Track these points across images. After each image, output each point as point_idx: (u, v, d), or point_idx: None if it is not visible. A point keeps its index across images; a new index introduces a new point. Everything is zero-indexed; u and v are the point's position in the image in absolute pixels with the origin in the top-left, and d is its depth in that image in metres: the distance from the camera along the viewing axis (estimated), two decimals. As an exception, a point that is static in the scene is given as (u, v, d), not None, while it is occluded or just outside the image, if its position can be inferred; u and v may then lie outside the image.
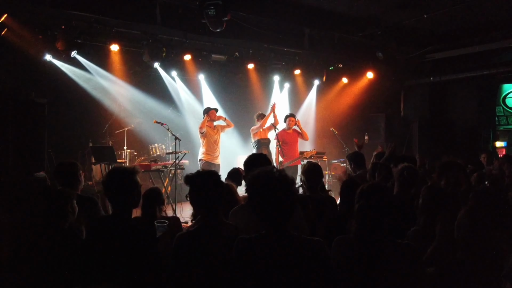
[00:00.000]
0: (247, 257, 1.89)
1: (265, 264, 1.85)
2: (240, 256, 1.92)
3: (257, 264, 1.86)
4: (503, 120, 11.56)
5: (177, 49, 7.68)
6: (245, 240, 1.93)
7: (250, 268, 1.88)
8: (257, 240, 1.90)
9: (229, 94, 9.43)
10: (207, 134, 7.18)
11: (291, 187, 1.90)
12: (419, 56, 9.06)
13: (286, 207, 1.87)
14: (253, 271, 1.87)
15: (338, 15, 7.47)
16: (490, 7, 6.90)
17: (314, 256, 1.86)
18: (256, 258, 1.87)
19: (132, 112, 8.39)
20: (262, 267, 1.85)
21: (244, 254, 1.91)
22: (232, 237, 2.16)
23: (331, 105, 10.22)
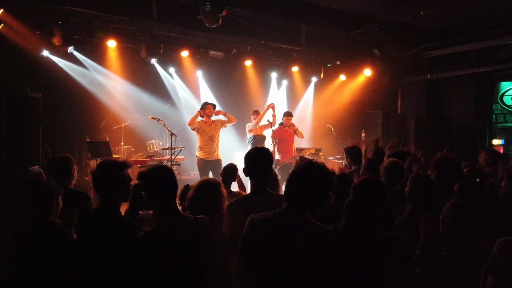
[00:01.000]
0: (258, 229, 2.05)
1: (275, 237, 2.00)
2: (250, 229, 2.07)
3: (267, 237, 2.01)
4: (500, 118, 11.57)
5: (174, 45, 7.70)
6: (258, 217, 2.09)
7: (261, 241, 2.02)
8: (271, 216, 2.06)
9: (226, 91, 9.45)
10: (200, 130, 7.08)
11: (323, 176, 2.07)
12: (416, 53, 9.07)
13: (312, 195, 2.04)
14: (263, 244, 2.02)
15: (335, 12, 7.48)
16: (487, 4, 6.92)
17: (321, 242, 2.01)
18: (267, 231, 2.03)
19: (129, 108, 8.40)
20: (274, 242, 2.00)
21: (255, 227, 2.06)
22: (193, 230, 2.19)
23: (328, 102, 10.24)
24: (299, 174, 2.10)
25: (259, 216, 2.10)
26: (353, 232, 2.12)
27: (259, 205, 2.48)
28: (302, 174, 2.09)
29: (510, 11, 7.25)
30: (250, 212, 2.47)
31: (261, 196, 2.61)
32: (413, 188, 2.90)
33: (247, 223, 2.10)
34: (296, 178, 2.09)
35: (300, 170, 2.11)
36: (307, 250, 1.98)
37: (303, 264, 1.97)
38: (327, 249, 2.02)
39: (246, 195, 2.77)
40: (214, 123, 7.25)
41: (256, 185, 2.67)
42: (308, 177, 2.06)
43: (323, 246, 2.01)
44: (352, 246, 2.09)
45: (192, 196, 3.06)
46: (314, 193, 2.04)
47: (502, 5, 7.00)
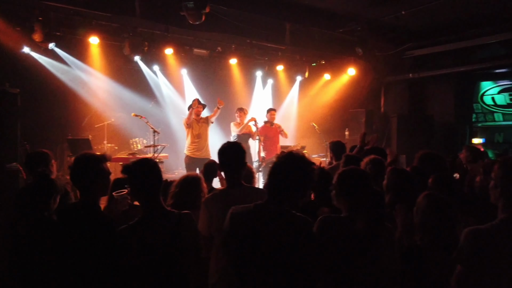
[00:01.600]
0: (239, 222, 2.04)
1: (256, 230, 2.00)
2: (232, 221, 2.06)
3: (248, 227, 2.01)
4: (481, 117, 11.82)
5: (158, 42, 7.66)
6: (240, 208, 2.08)
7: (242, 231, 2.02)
8: (252, 208, 2.06)
9: (212, 89, 9.42)
10: (190, 127, 7.11)
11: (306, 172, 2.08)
12: (398, 52, 9.20)
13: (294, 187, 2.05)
14: (245, 236, 2.01)
15: (318, 11, 7.53)
16: (467, 4, 7.04)
17: (301, 232, 2.03)
18: (248, 221, 2.02)
19: (112, 106, 8.32)
20: (255, 234, 1.99)
21: (236, 219, 2.05)
22: (176, 224, 2.18)
23: (313, 100, 10.33)
24: (279, 166, 2.10)
25: (241, 208, 2.09)
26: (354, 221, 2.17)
27: (235, 198, 2.50)
28: (282, 165, 2.09)
29: (490, 11, 7.41)
30: (227, 205, 2.48)
31: (236, 190, 2.63)
32: (390, 180, 2.96)
33: (229, 216, 2.09)
34: (276, 170, 2.09)
35: (280, 162, 2.11)
36: (288, 241, 1.98)
37: (285, 255, 1.97)
38: (308, 240, 2.03)
39: (221, 189, 2.78)
40: (202, 120, 7.26)
41: (230, 178, 2.69)
42: (288, 168, 2.06)
43: (304, 236, 2.02)
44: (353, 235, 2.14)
45: (174, 191, 3.07)
46: (295, 184, 2.05)
47: (482, 5, 7.15)
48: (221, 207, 2.51)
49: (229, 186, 2.69)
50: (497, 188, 1.78)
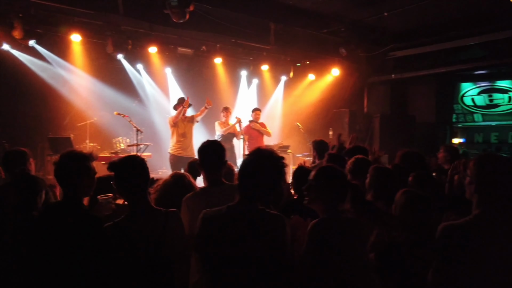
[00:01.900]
0: (212, 225, 1.98)
1: (230, 231, 1.95)
2: (205, 225, 2.00)
3: (221, 230, 1.95)
4: (461, 118, 12.09)
5: (142, 41, 7.58)
6: (212, 212, 2.02)
7: (215, 235, 1.96)
8: (225, 210, 2.00)
9: (196, 89, 9.37)
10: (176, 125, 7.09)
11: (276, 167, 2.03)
12: (381, 53, 9.33)
13: (265, 184, 2.00)
14: (218, 238, 1.96)
15: (302, 11, 7.59)
16: (447, 7, 7.19)
17: (275, 229, 1.98)
18: (221, 225, 1.96)
19: (95, 105, 8.21)
20: (227, 234, 1.94)
21: (209, 223, 1.99)
22: (163, 222, 2.16)
23: (297, 100, 10.39)
24: (247, 165, 2.06)
25: (212, 211, 2.03)
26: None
27: (216, 196, 2.51)
28: (250, 163, 2.06)
29: (470, 14, 7.58)
30: (208, 203, 2.47)
31: (217, 188, 2.63)
32: (373, 178, 3.01)
33: (200, 219, 2.03)
34: (245, 169, 2.05)
35: (248, 160, 2.08)
36: (264, 241, 1.94)
37: (261, 256, 1.93)
38: (284, 238, 2.00)
39: (202, 187, 2.78)
40: (187, 119, 7.26)
41: (211, 177, 2.69)
42: (257, 165, 2.02)
43: (279, 235, 1.98)
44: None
45: (162, 190, 3.03)
46: (265, 181, 2.00)
47: (463, 8, 7.32)
48: (201, 205, 2.50)
49: (210, 185, 2.69)
50: (472, 184, 1.83)
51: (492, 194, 1.78)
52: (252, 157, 2.06)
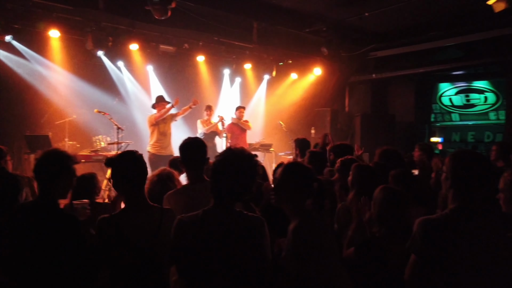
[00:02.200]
0: (189, 233, 1.88)
1: (208, 237, 1.86)
2: (181, 233, 1.89)
3: (199, 238, 1.86)
4: (439, 117, 12.39)
5: (123, 38, 7.48)
6: (187, 218, 1.91)
7: (193, 243, 1.86)
8: (200, 216, 1.90)
9: (178, 87, 9.31)
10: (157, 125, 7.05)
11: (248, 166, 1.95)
12: (362, 53, 9.46)
13: (238, 185, 1.93)
14: (196, 246, 1.86)
15: (285, 10, 7.62)
16: (427, 8, 7.33)
17: (254, 232, 1.92)
18: (198, 232, 1.86)
19: (74, 102, 8.05)
20: (205, 240, 1.86)
21: (185, 231, 1.89)
22: (158, 219, 2.16)
23: (280, 99, 10.45)
24: (217, 166, 1.96)
25: (188, 217, 1.92)
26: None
27: (197, 193, 2.51)
28: (220, 165, 1.96)
29: (447, 15, 7.76)
30: (190, 201, 2.48)
31: (198, 185, 2.62)
32: (355, 176, 3.06)
33: (175, 226, 1.92)
34: (216, 170, 1.96)
35: (218, 161, 1.97)
36: (243, 246, 1.88)
37: (241, 262, 1.87)
38: (264, 241, 1.93)
39: (184, 185, 2.78)
40: (168, 117, 7.22)
41: (192, 174, 2.69)
42: (228, 166, 1.94)
43: (259, 238, 1.92)
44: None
45: (149, 187, 3.01)
46: (237, 182, 1.92)
47: (441, 10, 7.48)
48: (183, 202, 2.51)
49: (191, 182, 2.69)
50: (448, 179, 1.89)
51: (466, 188, 1.84)
52: (222, 158, 1.97)
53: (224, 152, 2.02)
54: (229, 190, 1.92)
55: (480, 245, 1.78)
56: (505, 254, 1.77)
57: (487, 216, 1.84)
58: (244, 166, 1.94)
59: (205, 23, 7.31)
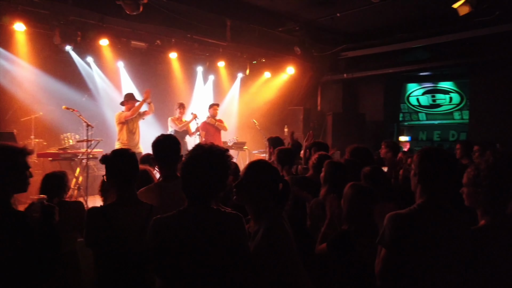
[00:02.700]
0: (166, 234, 1.83)
1: (186, 238, 1.82)
2: (158, 234, 1.84)
3: (177, 239, 1.82)
4: (407, 117, 12.79)
5: (92, 33, 7.27)
6: (163, 219, 1.86)
7: (171, 245, 1.82)
8: (177, 216, 1.85)
9: (150, 84, 9.12)
10: (127, 123, 6.92)
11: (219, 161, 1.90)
12: (334, 53, 9.63)
13: (211, 181, 1.88)
14: (174, 247, 1.81)
15: (258, 9, 7.64)
16: (396, 10, 7.53)
17: (232, 228, 1.89)
18: (176, 233, 1.82)
19: (41, 98, 7.77)
20: (183, 242, 1.81)
21: (162, 232, 1.83)
22: (147, 216, 2.19)
23: (253, 97, 10.48)
24: (188, 164, 1.90)
25: (163, 218, 1.86)
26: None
27: (170, 191, 2.51)
28: (191, 162, 1.90)
29: (415, 17, 8.01)
30: (162, 198, 2.47)
31: (171, 182, 2.61)
32: (327, 172, 3.13)
33: (151, 227, 1.86)
34: (187, 168, 1.90)
35: (188, 159, 1.91)
36: (223, 246, 1.85)
37: (221, 257, 1.85)
38: (244, 239, 1.93)
39: (156, 182, 2.76)
40: (137, 115, 7.11)
41: (166, 171, 2.67)
42: (198, 164, 1.88)
43: (239, 236, 1.91)
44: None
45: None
46: (212, 178, 1.88)
47: (409, 11, 7.71)
48: (154, 200, 2.49)
49: (164, 179, 2.67)
50: (416, 176, 1.97)
51: (433, 184, 1.92)
52: (191, 155, 1.91)
53: (194, 149, 1.95)
54: (201, 188, 1.87)
55: (446, 238, 1.86)
56: (469, 246, 1.87)
57: (452, 211, 1.93)
58: (215, 162, 1.88)
59: (178, 19, 7.23)
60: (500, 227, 1.88)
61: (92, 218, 2.23)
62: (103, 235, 2.17)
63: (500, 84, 8.58)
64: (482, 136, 8.29)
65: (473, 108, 9.50)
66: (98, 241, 2.20)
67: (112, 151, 2.42)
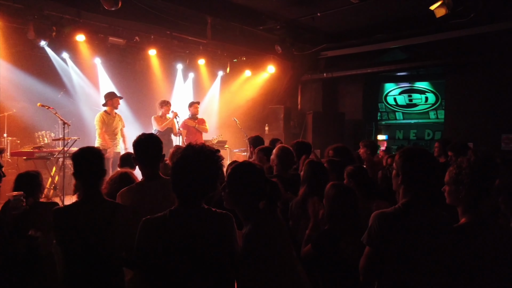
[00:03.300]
0: (156, 234, 1.81)
1: (177, 238, 1.81)
2: (148, 234, 1.83)
3: (168, 239, 1.80)
4: (384, 116, 13.04)
5: (68, 28, 7.07)
6: (153, 219, 1.84)
7: (161, 245, 1.81)
8: (168, 217, 1.85)
9: (129, 81, 8.99)
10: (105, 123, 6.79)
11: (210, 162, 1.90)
12: (314, 53, 9.70)
13: (202, 181, 1.88)
14: (165, 247, 1.80)
15: (239, 7, 7.61)
16: (375, 11, 7.65)
17: (224, 228, 1.91)
18: (167, 233, 1.81)
19: (14, 95, 7.50)
20: (174, 241, 1.80)
21: (152, 232, 1.82)
22: (111, 214, 2.20)
23: (234, 96, 10.44)
24: (180, 164, 1.90)
25: (154, 219, 1.86)
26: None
27: (151, 190, 2.49)
28: (181, 163, 1.90)
29: (393, 18, 8.15)
30: (144, 198, 2.43)
31: (153, 182, 2.58)
32: (307, 172, 3.14)
33: (141, 227, 1.84)
34: (178, 168, 1.90)
35: (179, 160, 1.91)
36: (213, 241, 1.86)
37: (212, 257, 1.85)
38: (232, 234, 1.94)
39: (138, 182, 2.71)
40: (118, 117, 7.01)
41: (148, 171, 2.63)
42: (189, 165, 1.88)
43: (228, 232, 1.92)
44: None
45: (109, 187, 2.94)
46: (203, 179, 1.88)
47: (388, 13, 7.85)
48: (136, 199, 2.47)
49: (146, 179, 2.63)
50: (398, 176, 1.99)
51: (416, 184, 1.95)
52: (182, 155, 1.91)
53: (185, 149, 1.96)
54: (192, 188, 1.87)
55: (430, 237, 1.90)
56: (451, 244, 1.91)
57: (435, 209, 1.97)
58: (206, 162, 1.89)
59: (158, 16, 7.12)
60: (481, 225, 1.92)
61: (57, 218, 2.25)
62: (67, 234, 2.21)
63: (474, 84, 8.85)
64: (457, 135, 8.53)
65: (449, 107, 9.76)
66: (64, 240, 2.23)
67: (79, 149, 2.42)
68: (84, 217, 2.22)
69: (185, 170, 1.89)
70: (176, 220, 1.85)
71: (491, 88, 8.48)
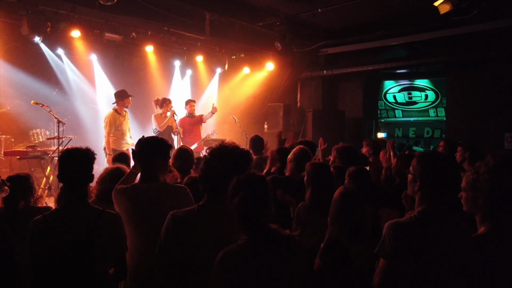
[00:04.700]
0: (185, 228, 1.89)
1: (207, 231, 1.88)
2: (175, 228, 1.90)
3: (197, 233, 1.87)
4: (384, 114, 12.94)
5: (63, 23, 6.90)
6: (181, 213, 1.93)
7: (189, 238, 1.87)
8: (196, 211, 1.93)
9: (126, 78, 8.81)
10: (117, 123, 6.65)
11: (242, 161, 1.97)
12: (314, 49, 9.56)
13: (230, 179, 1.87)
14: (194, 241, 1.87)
15: (239, 2, 7.46)
16: (375, 7, 7.53)
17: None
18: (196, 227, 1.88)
19: (7, 92, 7.33)
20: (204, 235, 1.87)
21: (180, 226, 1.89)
22: (95, 221, 2.07)
23: (233, 93, 10.30)
24: (213, 161, 1.98)
25: (182, 212, 1.96)
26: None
27: (144, 193, 2.43)
28: (215, 161, 1.98)
29: (394, 15, 8.02)
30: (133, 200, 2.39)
31: (147, 184, 2.51)
32: (309, 175, 3.01)
33: (168, 222, 1.93)
34: (211, 166, 1.97)
35: (214, 156, 2.00)
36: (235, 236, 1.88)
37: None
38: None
39: (134, 184, 2.62)
40: (127, 116, 6.92)
41: (146, 173, 2.57)
42: (223, 163, 1.95)
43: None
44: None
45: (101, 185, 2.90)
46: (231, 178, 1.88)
47: (388, 9, 7.72)
48: (127, 201, 2.42)
49: (143, 181, 2.56)
50: (416, 181, 1.87)
51: (435, 191, 1.83)
52: (216, 154, 1.99)
53: (218, 147, 2.02)
54: (224, 186, 1.87)
55: (448, 248, 1.78)
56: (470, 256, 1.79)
57: (453, 218, 1.85)
58: (239, 162, 1.96)
59: (155, 11, 6.96)
60: (501, 235, 1.80)
61: (35, 231, 2.07)
62: (42, 249, 2.04)
63: (476, 82, 8.75)
64: (458, 134, 8.44)
65: (450, 105, 9.66)
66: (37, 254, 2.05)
67: (66, 149, 2.28)
68: (63, 226, 2.06)
69: (217, 168, 1.95)
70: (205, 215, 1.92)
71: (493, 85, 8.39)
